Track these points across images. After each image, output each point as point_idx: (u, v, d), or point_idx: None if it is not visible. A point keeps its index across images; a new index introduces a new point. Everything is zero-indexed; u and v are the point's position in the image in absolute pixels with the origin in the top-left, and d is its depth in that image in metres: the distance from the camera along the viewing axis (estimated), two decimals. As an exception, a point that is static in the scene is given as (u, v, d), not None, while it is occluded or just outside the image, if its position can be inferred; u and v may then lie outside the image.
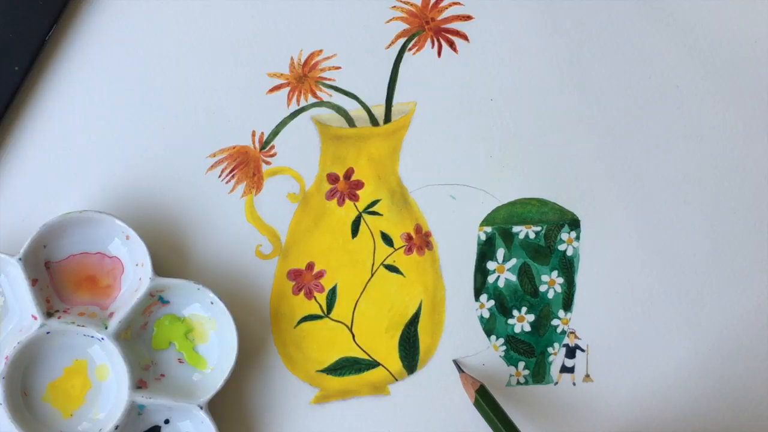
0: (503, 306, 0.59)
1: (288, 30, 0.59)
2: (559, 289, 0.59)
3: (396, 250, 0.58)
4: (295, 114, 0.58)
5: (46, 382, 0.55)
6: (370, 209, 0.58)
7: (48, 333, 0.54)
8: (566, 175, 0.59)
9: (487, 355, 0.58)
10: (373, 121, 0.59)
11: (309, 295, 0.58)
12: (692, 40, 0.60)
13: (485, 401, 0.56)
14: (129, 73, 0.58)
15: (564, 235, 0.59)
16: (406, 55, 0.59)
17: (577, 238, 0.59)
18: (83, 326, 0.54)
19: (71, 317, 0.55)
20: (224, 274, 0.57)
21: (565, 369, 0.59)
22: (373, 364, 0.58)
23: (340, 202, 0.58)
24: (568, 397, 0.59)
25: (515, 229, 0.59)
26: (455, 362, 0.58)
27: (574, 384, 0.59)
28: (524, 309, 0.59)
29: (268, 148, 0.58)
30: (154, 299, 0.56)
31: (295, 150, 0.58)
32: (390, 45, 0.59)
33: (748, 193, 0.60)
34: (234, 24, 0.58)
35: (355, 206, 0.58)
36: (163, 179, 0.58)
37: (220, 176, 0.58)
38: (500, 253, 0.59)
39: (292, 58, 0.58)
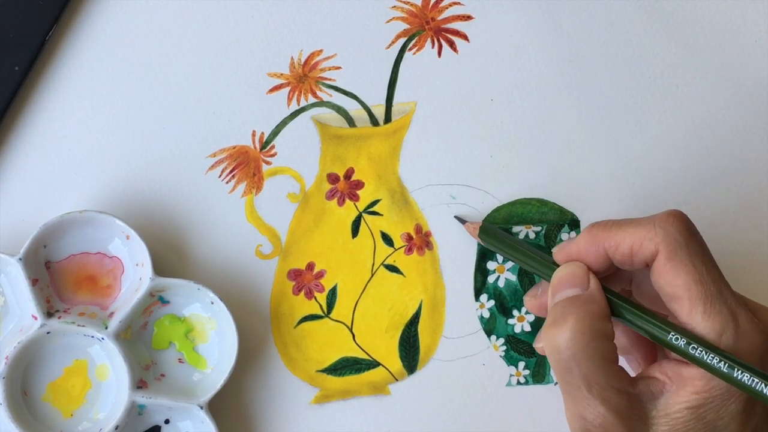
0: (503, 306, 0.59)
1: (288, 30, 0.59)
2: (559, 289, 0.59)
3: (396, 250, 0.58)
4: (295, 114, 0.58)
5: (47, 382, 0.55)
6: (370, 209, 0.58)
7: (48, 333, 0.54)
8: (566, 175, 0.59)
9: (487, 355, 0.58)
10: (374, 121, 0.59)
11: (309, 295, 0.58)
12: (692, 40, 0.60)
13: (490, 231, 0.56)
14: (129, 73, 0.58)
15: (564, 235, 0.59)
16: (407, 55, 0.59)
17: (577, 238, 0.59)
18: (83, 326, 0.54)
19: (71, 317, 0.55)
20: (224, 274, 0.57)
21: (565, 369, 0.59)
22: (373, 364, 0.58)
23: (340, 202, 0.58)
24: (568, 397, 0.59)
25: (515, 229, 0.59)
26: (456, 217, 0.58)
27: (574, 384, 0.59)
28: (524, 309, 0.59)
29: (268, 148, 0.58)
30: (155, 299, 0.56)
31: (295, 150, 0.58)
32: (390, 45, 0.59)
33: (748, 193, 0.60)
34: (234, 24, 0.58)
35: (355, 206, 0.58)
36: (164, 179, 0.58)
37: (220, 176, 0.58)
38: (500, 253, 0.59)
39: (292, 58, 0.59)
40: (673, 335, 0.48)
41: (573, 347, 0.48)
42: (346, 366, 0.58)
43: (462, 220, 0.58)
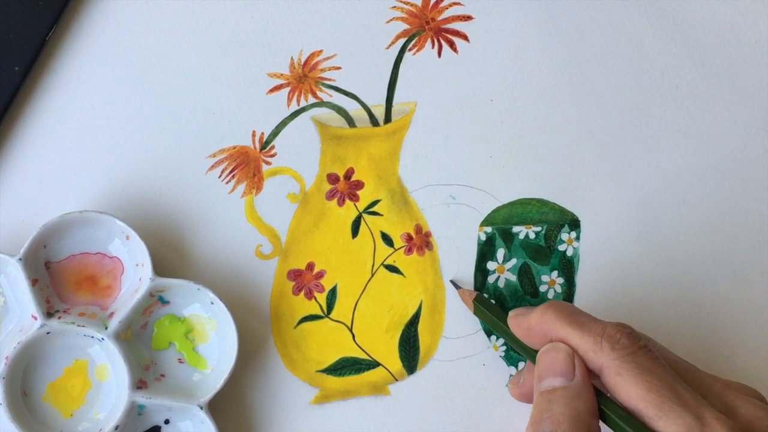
0: (503, 306, 0.59)
1: (288, 30, 0.59)
2: (559, 289, 0.59)
3: (396, 250, 0.58)
4: (295, 114, 0.58)
5: (47, 383, 0.55)
6: (370, 209, 0.58)
7: (48, 333, 0.54)
8: (566, 175, 0.59)
9: (487, 355, 0.58)
10: (374, 121, 0.59)
11: (309, 295, 0.58)
12: (692, 40, 0.60)
13: (483, 305, 0.56)
14: (129, 73, 0.58)
15: (564, 235, 0.59)
16: (407, 55, 0.59)
17: (577, 238, 0.59)
18: (83, 326, 0.54)
19: (71, 317, 0.55)
20: (224, 274, 0.57)
21: (565, 369, 0.59)
22: (373, 364, 0.58)
23: (340, 203, 0.58)
24: (568, 397, 0.59)
25: (515, 229, 0.59)
26: (452, 282, 0.58)
27: (574, 384, 0.59)
28: (524, 309, 0.59)
29: (268, 148, 0.58)
30: (154, 299, 0.56)
31: (295, 150, 0.58)
32: (390, 45, 0.59)
33: (748, 193, 0.60)
34: (234, 24, 0.58)
35: (355, 206, 0.58)
36: (164, 179, 0.58)
37: (220, 176, 0.58)
38: (500, 253, 0.59)
39: (292, 58, 0.59)
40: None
41: None
42: (346, 366, 0.58)
43: (457, 286, 0.58)
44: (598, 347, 0.49)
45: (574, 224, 0.59)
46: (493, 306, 0.56)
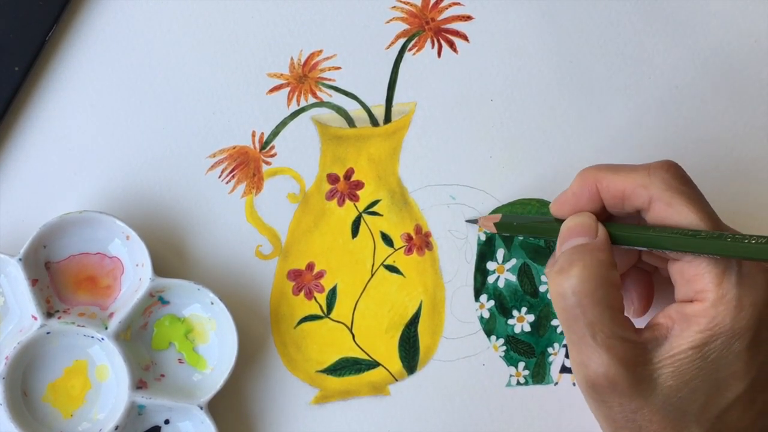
0: (503, 306, 0.59)
1: (288, 30, 0.59)
2: (559, 290, 0.59)
3: (396, 250, 0.58)
4: (295, 114, 0.58)
5: (46, 383, 0.55)
6: (370, 209, 0.58)
7: (48, 333, 0.54)
8: (566, 175, 0.59)
9: (487, 355, 0.58)
10: (373, 122, 0.59)
11: (309, 295, 0.58)
12: (692, 40, 0.60)
13: (510, 221, 0.56)
14: (129, 73, 0.58)
15: (564, 235, 0.59)
16: (406, 55, 0.59)
17: (577, 238, 0.59)
18: (83, 326, 0.54)
19: (71, 317, 0.55)
20: (224, 275, 0.57)
21: (565, 369, 0.59)
22: (373, 365, 0.58)
23: (340, 203, 0.58)
24: (568, 397, 0.59)
25: (515, 229, 0.59)
26: (468, 221, 0.58)
27: (574, 384, 0.59)
28: (524, 309, 0.59)
29: (268, 148, 0.58)
30: (154, 299, 0.56)
31: (295, 150, 0.58)
32: (390, 45, 0.59)
33: (748, 194, 0.60)
34: (234, 24, 0.58)
35: (355, 206, 0.58)
36: (163, 180, 0.58)
37: (220, 176, 0.58)
38: (500, 253, 0.59)
39: (292, 58, 0.59)
40: (677, 231, 0.48)
41: (579, 294, 0.48)
42: (345, 366, 0.58)
43: (473, 220, 0.58)
44: (647, 181, 0.49)
45: (574, 224, 0.59)
46: (518, 215, 0.56)
